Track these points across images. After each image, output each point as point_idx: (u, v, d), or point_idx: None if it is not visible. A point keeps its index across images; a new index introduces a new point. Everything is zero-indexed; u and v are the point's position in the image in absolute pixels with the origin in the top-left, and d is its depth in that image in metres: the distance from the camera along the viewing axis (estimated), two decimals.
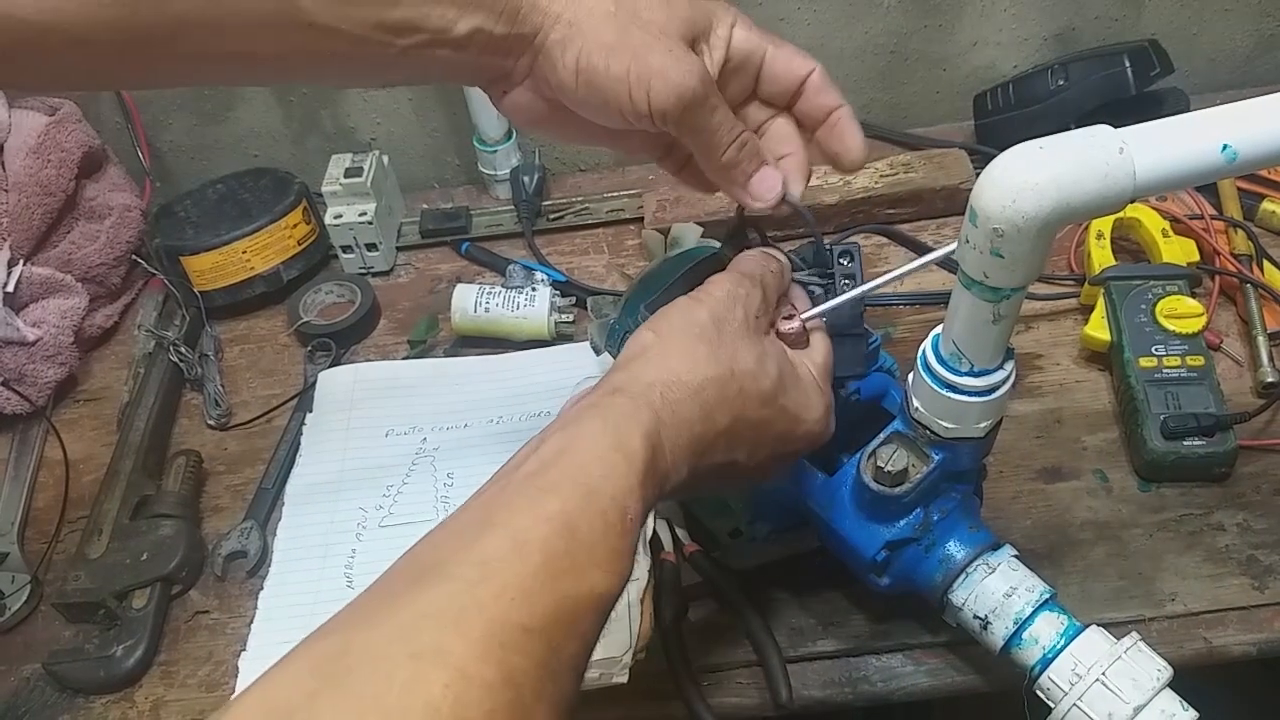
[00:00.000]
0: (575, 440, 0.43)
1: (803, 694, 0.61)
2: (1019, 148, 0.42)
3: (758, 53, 0.54)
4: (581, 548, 0.39)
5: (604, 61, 0.49)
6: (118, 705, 0.65)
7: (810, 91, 0.55)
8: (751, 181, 0.55)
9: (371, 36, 0.49)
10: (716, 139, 0.52)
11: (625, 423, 0.44)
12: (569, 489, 0.41)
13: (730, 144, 0.53)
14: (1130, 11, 0.98)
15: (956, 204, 0.89)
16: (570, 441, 0.43)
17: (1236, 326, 0.77)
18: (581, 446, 0.43)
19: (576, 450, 0.43)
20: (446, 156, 1.06)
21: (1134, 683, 0.49)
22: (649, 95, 0.50)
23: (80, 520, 0.74)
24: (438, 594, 0.36)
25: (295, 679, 0.34)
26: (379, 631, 0.35)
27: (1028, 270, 0.44)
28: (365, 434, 0.78)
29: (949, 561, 0.55)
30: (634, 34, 0.49)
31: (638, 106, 0.50)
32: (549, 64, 0.51)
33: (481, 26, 0.50)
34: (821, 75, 0.55)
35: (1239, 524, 0.65)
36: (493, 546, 0.38)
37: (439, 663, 0.34)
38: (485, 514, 0.41)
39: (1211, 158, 0.42)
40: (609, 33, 0.49)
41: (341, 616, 0.37)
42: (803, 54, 0.55)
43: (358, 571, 0.69)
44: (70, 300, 0.86)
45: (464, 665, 0.34)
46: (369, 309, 0.88)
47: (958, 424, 0.52)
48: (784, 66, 0.55)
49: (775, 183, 0.55)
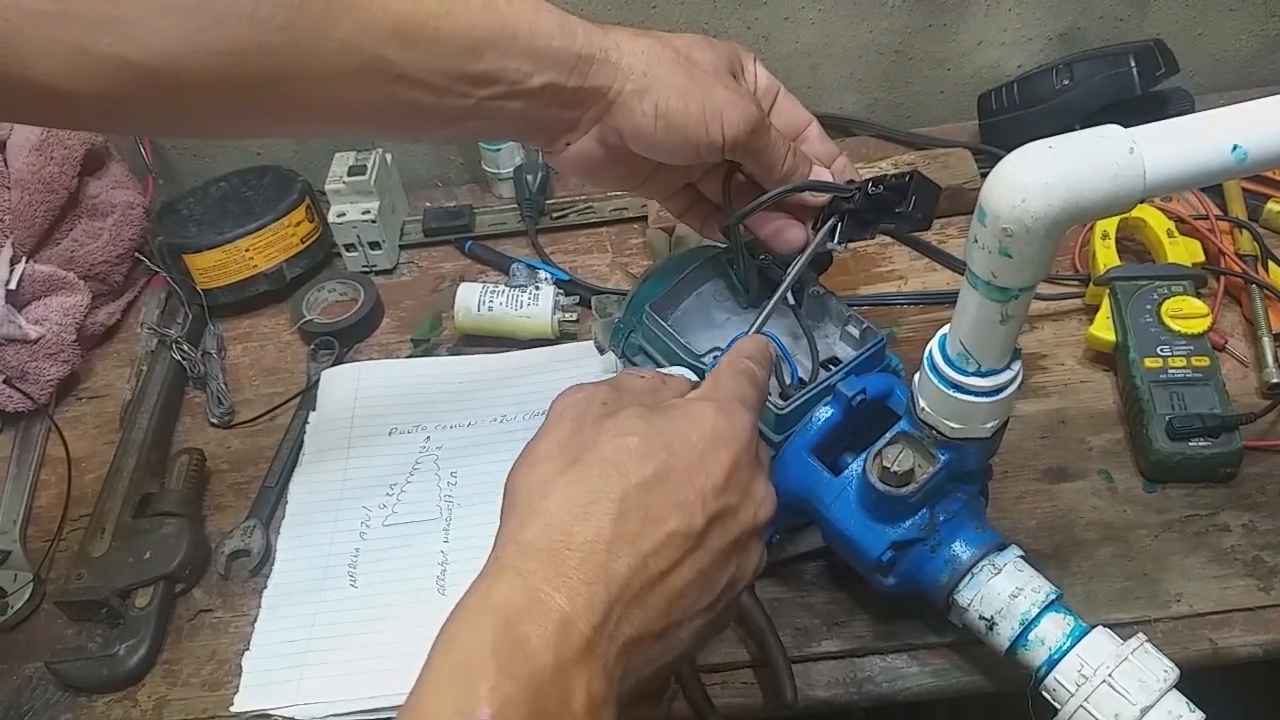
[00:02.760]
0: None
1: (807, 694, 0.60)
2: (1028, 147, 0.42)
3: (774, 90, 0.61)
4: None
5: (681, 104, 0.54)
6: (120, 704, 0.65)
7: (811, 140, 0.62)
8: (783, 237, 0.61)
9: (452, 88, 0.53)
10: (776, 153, 0.58)
11: (477, 605, 0.40)
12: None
13: (786, 154, 0.58)
14: (1135, 11, 0.98)
15: (961, 204, 0.89)
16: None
17: (1242, 327, 0.77)
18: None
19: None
20: (450, 155, 1.06)
21: (1141, 684, 0.49)
22: (723, 127, 0.55)
23: (83, 519, 0.74)
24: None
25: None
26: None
27: (1036, 270, 0.44)
28: (368, 433, 0.78)
29: (955, 562, 0.55)
30: (696, 76, 0.55)
31: (713, 139, 0.55)
32: (625, 113, 0.55)
33: (554, 81, 0.54)
34: (818, 128, 0.62)
35: (1244, 525, 0.65)
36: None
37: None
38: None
39: (1222, 158, 0.42)
40: (679, 78, 0.54)
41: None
42: (800, 105, 0.63)
43: (361, 570, 0.69)
44: (73, 298, 0.86)
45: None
46: (372, 307, 0.88)
47: (964, 424, 0.52)
48: (789, 112, 0.62)
49: (800, 235, 0.61)
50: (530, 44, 0.53)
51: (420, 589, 0.67)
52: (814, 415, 0.59)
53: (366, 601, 0.67)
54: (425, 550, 0.69)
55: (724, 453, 0.45)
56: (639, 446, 0.43)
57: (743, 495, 0.45)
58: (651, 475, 0.43)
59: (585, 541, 0.41)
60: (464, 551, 0.69)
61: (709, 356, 0.62)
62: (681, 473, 0.43)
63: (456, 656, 0.38)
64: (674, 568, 0.42)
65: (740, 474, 0.45)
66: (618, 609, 0.40)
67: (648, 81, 0.54)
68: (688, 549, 0.43)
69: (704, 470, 0.44)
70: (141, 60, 0.47)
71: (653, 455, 0.43)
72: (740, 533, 0.45)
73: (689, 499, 0.43)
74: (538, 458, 0.45)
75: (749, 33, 0.97)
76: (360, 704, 0.61)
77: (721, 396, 0.48)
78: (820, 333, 0.64)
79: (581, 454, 0.44)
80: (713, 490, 0.44)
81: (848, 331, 0.64)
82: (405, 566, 0.68)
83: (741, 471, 0.45)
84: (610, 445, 0.44)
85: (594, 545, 0.41)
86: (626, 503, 0.42)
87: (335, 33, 0.49)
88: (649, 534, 0.42)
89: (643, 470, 0.43)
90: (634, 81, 0.54)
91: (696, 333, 0.65)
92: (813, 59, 1.00)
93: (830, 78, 1.01)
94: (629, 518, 0.41)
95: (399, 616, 0.66)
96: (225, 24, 0.48)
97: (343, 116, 0.54)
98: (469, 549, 0.69)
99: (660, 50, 0.55)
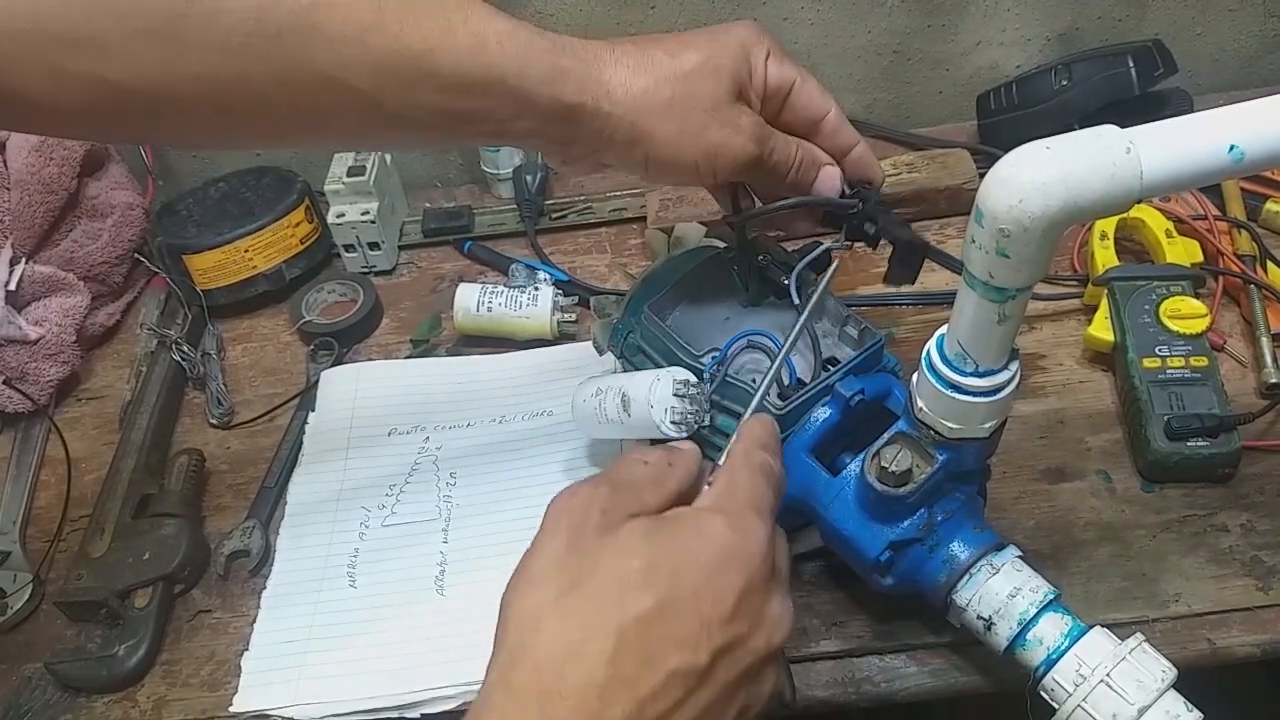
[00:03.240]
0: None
1: (806, 694, 0.60)
2: (1026, 147, 0.42)
3: (786, 85, 0.58)
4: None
5: (671, 152, 0.54)
6: (119, 704, 0.65)
7: (827, 131, 0.60)
8: (815, 187, 0.59)
9: (434, 122, 0.52)
10: (778, 173, 0.58)
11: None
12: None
13: (791, 169, 0.58)
14: (1134, 11, 0.98)
15: (959, 204, 0.89)
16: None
17: (1240, 327, 0.77)
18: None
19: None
20: (449, 155, 1.06)
21: (1139, 684, 0.49)
22: (715, 169, 0.55)
23: (82, 519, 0.74)
24: None
25: None
26: None
27: (1033, 270, 0.44)
28: (367, 433, 0.78)
29: (953, 562, 0.55)
30: (691, 117, 0.54)
31: (705, 179, 0.56)
32: (614, 156, 0.55)
33: (540, 128, 0.53)
34: (837, 115, 0.60)
35: (1243, 525, 0.65)
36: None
37: None
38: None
39: (1219, 158, 0.42)
40: (670, 124, 0.54)
41: None
42: (823, 92, 0.60)
43: (360, 571, 0.69)
44: (72, 299, 0.86)
45: None
46: (371, 308, 0.88)
47: (962, 424, 0.52)
48: (805, 102, 0.59)
49: (835, 180, 0.60)
50: (518, 88, 0.51)
51: (419, 589, 0.67)
52: (812, 415, 0.59)
53: (365, 602, 0.67)
54: (424, 551, 0.69)
55: (735, 576, 0.41)
56: (639, 573, 0.40)
57: (754, 622, 0.41)
58: (653, 606, 0.39)
59: (577, 687, 0.38)
60: (463, 552, 0.69)
61: (707, 357, 0.62)
62: (686, 602, 0.40)
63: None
64: (674, 709, 0.39)
65: (752, 599, 0.41)
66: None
67: (637, 133, 0.53)
68: (690, 688, 0.39)
69: (711, 598, 0.40)
70: (118, 80, 0.47)
71: (655, 583, 0.40)
72: (751, 662, 0.41)
73: (693, 633, 0.40)
74: (532, 577, 0.41)
75: None
76: (359, 704, 0.61)
77: (736, 507, 0.44)
78: (819, 332, 0.64)
79: (579, 579, 0.40)
80: (719, 621, 0.40)
81: (846, 332, 0.64)
82: (404, 567, 0.68)
83: (754, 596, 0.42)
84: (609, 570, 0.40)
85: (586, 691, 0.38)
86: (624, 640, 0.39)
87: (312, 65, 0.49)
88: (647, 676, 0.38)
89: (642, 602, 0.39)
90: (623, 132, 0.53)
91: (695, 333, 0.65)
92: (811, 59, 1.00)
93: (829, 78, 1.01)
94: (626, 657, 0.38)
95: (398, 617, 0.66)
96: (199, 50, 0.47)
97: (325, 139, 0.54)
98: (468, 550, 0.69)
99: (655, 93, 0.53)
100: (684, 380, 0.60)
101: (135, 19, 0.46)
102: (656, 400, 0.60)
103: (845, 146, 0.60)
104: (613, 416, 0.63)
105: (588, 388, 0.66)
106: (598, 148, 0.55)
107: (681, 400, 0.60)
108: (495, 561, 0.68)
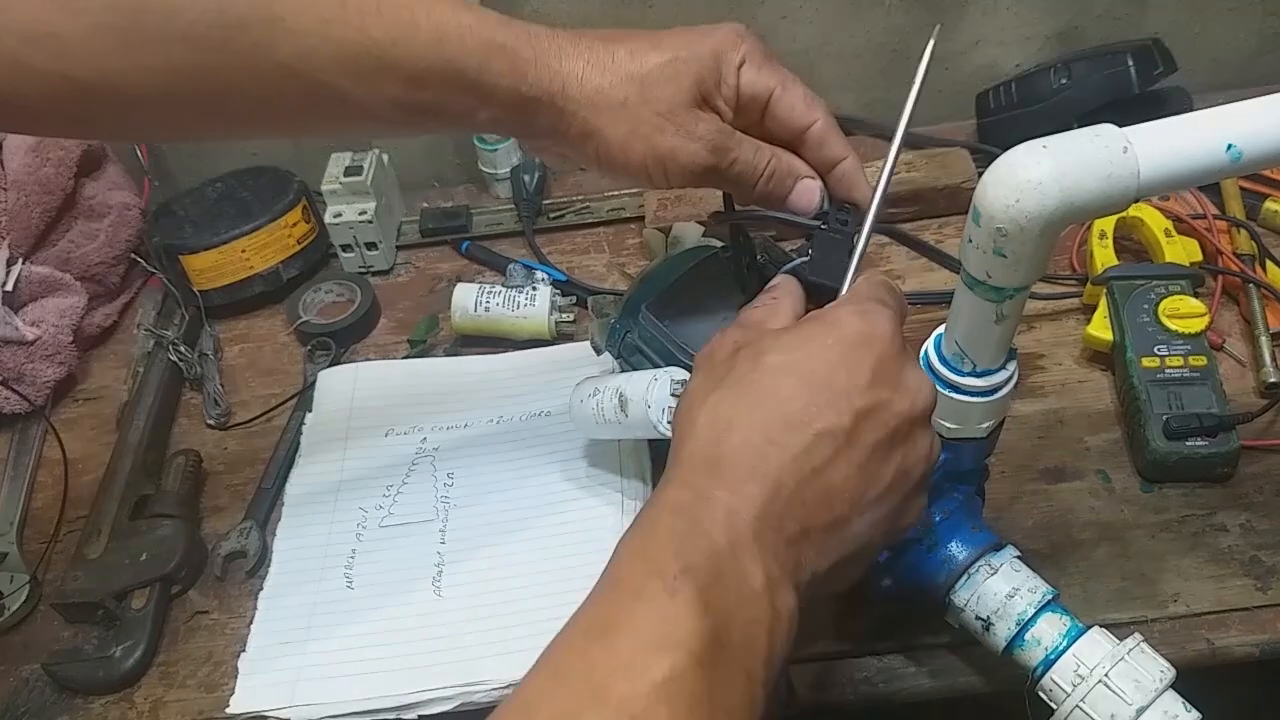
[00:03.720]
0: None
1: (804, 695, 0.60)
2: (1022, 147, 0.42)
3: (764, 93, 0.56)
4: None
5: (621, 154, 0.54)
6: (117, 705, 0.65)
7: (812, 142, 0.57)
8: (789, 201, 0.57)
9: (397, 116, 0.53)
10: (743, 182, 0.56)
11: (651, 505, 0.43)
12: (598, 592, 0.40)
13: (758, 180, 0.55)
14: (1133, 10, 0.98)
15: (958, 203, 0.89)
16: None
17: (1239, 326, 0.77)
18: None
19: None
20: (446, 155, 1.06)
21: (1137, 684, 0.49)
22: (666, 175, 0.54)
23: (79, 520, 0.74)
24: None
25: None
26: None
27: (1031, 270, 0.44)
28: (365, 434, 0.78)
29: (951, 562, 0.55)
30: (645, 120, 0.53)
31: (656, 183, 0.55)
32: (571, 150, 0.55)
33: (499, 117, 0.54)
34: (824, 126, 0.57)
35: (1242, 524, 0.65)
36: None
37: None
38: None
39: (1216, 157, 0.42)
40: (622, 126, 0.53)
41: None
42: (810, 100, 0.57)
43: (357, 572, 0.69)
44: (69, 299, 0.86)
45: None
46: (369, 308, 0.88)
47: (960, 424, 0.52)
48: (787, 111, 0.56)
49: (813, 195, 0.57)
50: (477, 81, 0.51)
51: (416, 590, 0.67)
52: None
53: (362, 602, 0.67)
54: (421, 551, 0.69)
55: (864, 352, 0.44)
56: (775, 362, 0.44)
57: (894, 388, 0.44)
58: (793, 383, 0.43)
59: (734, 449, 0.42)
60: (460, 552, 0.69)
61: None
62: (822, 375, 0.44)
63: (639, 542, 0.41)
64: (827, 464, 0.43)
65: (887, 367, 0.44)
66: (777, 504, 0.41)
67: (589, 129, 0.53)
68: (838, 446, 0.43)
69: (845, 371, 0.44)
70: (81, 76, 0.47)
71: (790, 366, 0.44)
72: (898, 424, 0.44)
73: (832, 399, 0.43)
74: (689, 394, 0.47)
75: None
76: (356, 704, 0.61)
77: (858, 300, 0.47)
78: None
79: (722, 379, 0.45)
80: (858, 389, 0.43)
81: None
82: (401, 567, 0.68)
83: (888, 364, 0.44)
84: (747, 366, 0.45)
85: (742, 451, 0.42)
86: (769, 412, 0.43)
87: (275, 55, 0.49)
88: (796, 437, 0.42)
89: (781, 381, 0.44)
90: (577, 125, 0.53)
91: (693, 333, 0.65)
92: (810, 58, 0.99)
93: (828, 77, 1.01)
94: (774, 424, 0.43)
95: (395, 617, 0.65)
96: (160, 43, 0.47)
97: (294, 130, 0.55)
98: (465, 550, 0.69)
99: (610, 92, 0.53)
100: (681, 380, 0.60)
101: (95, 13, 0.46)
102: (654, 400, 0.60)
103: (831, 160, 0.57)
104: (610, 417, 0.63)
105: (585, 388, 0.66)
106: (555, 140, 0.55)
107: (679, 400, 0.59)
108: (492, 561, 0.68)
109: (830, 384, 0.43)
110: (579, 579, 0.65)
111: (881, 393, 0.44)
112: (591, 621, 0.39)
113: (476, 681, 0.61)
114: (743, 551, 0.40)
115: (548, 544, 0.68)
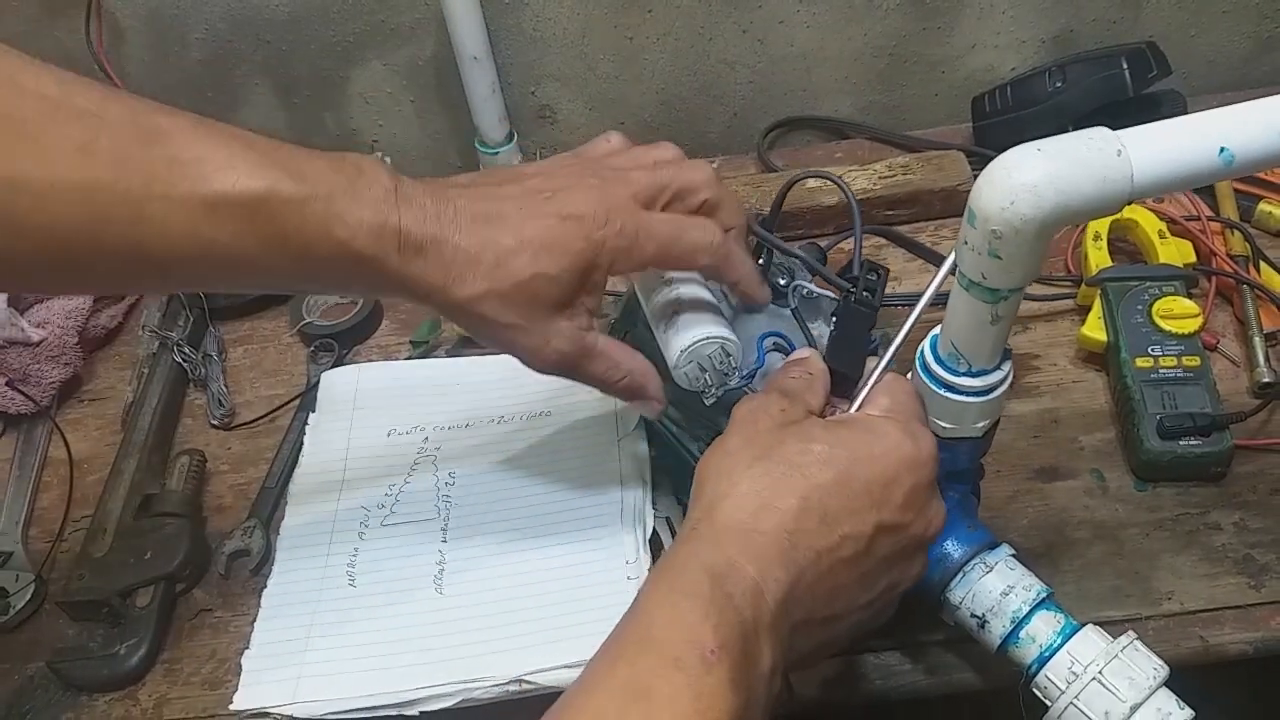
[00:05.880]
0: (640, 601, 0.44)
1: (801, 693, 0.61)
2: (1017, 149, 0.42)
3: (641, 268, 0.57)
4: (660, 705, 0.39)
5: (487, 341, 0.56)
6: (121, 703, 0.65)
7: (710, 275, 0.59)
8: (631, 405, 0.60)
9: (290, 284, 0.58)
10: (605, 382, 0.58)
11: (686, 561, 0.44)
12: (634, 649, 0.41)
13: (618, 381, 0.58)
14: (1128, 13, 0.98)
15: (954, 205, 0.89)
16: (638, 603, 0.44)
17: (1233, 327, 0.78)
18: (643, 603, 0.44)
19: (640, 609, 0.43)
20: (448, 158, 1.06)
21: (1131, 681, 0.49)
22: (531, 366, 0.56)
23: (84, 519, 0.74)
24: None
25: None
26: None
27: (1026, 271, 0.45)
28: (367, 434, 0.78)
29: (946, 560, 0.55)
30: (505, 316, 0.53)
31: (528, 367, 0.56)
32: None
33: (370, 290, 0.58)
34: (714, 257, 0.56)
35: (1235, 523, 0.66)
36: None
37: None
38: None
39: (1209, 160, 0.43)
40: (482, 327, 0.54)
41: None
42: (691, 254, 0.55)
43: (359, 570, 0.69)
44: (74, 301, 0.86)
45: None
46: (371, 310, 0.88)
47: (956, 424, 0.52)
48: (674, 264, 0.57)
49: (651, 411, 0.60)
50: (349, 275, 0.52)
51: (418, 589, 0.67)
52: None
53: (365, 601, 0.67)
54: (423, 550, 0.69)
55: (908, 475, 0.48)
56: (821, 454, 0.47)
57: (918, 513, 0.48)
58: (832, 480, 0.46)
59: (771, 528, 0.45)
60: (461, 551, 0.69)
61: None
62: (860, 482, 0.46)
63: (680, 601, 0.42)
64: (842, 565, 0.46)
65: (920, 494, 0.48)
66: (796, 591, 0.44)
67: (456, 315, 0.55)
68: (856, 551, 0.46)
69: (882, 486, 0.47)
70: None
71: (834, 462, 0.46)
72: (907, 544, 0.48)
73: (863, 507, 0.46)
74: (728, 450, 0.48)
75: (744, 36, 0.98)
76: (358, 702, 0.61)
77: (905, 418, 0.50)
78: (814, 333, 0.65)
79: (769, 452, 0.47)
80: (890, 505, 0.47)
81: None
82: (403, 566, 0.69)
83: (922, 491, 0.48)
84: (795, 448, 0.47)
85: (778, 532, 0.45)
86: (807, 501, 0.45)
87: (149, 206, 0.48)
88: (825, 533, 0.45)
89: (824, 474, 0.46)
90: (446, 312, 0.55)
91: None
92: (807, 62, 1.00)
93: (825, 81, 1.02)
94: (808, 516, 0.45)
95: (397, 616, 0.66)
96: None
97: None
98: (466, 548, 0.69)
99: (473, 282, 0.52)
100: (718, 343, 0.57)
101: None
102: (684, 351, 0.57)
103: (730, 283, 0.59)
104: (656, 312, 0.61)
105: (660, 277, 0.62)
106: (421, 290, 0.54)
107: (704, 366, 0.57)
108: (494, 561, 0.68)
109: (868, 492, 0.46)
110: (579, 577, 0.66)
111: (908, 515, 0.48)
112: (628, 681, 0.40)
113: (477, 678, 0.61)
114: (762, 633, 0.42)
115: (548, 543, 0.69)
